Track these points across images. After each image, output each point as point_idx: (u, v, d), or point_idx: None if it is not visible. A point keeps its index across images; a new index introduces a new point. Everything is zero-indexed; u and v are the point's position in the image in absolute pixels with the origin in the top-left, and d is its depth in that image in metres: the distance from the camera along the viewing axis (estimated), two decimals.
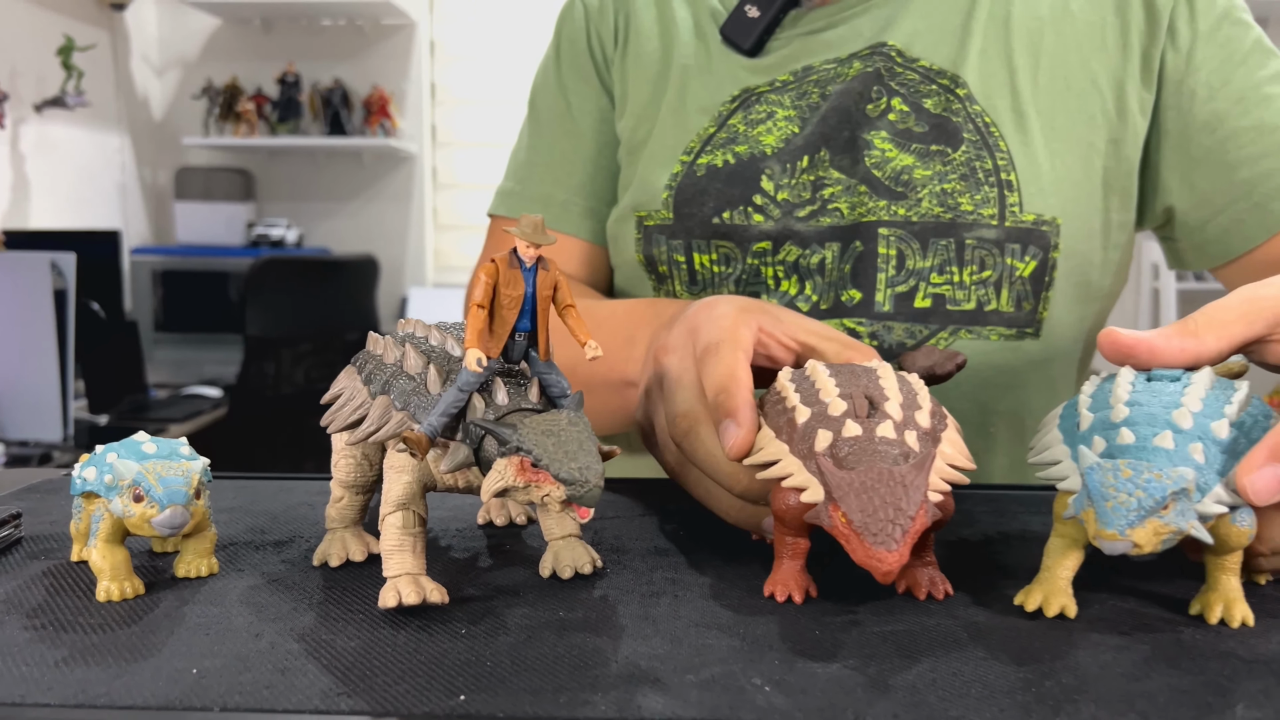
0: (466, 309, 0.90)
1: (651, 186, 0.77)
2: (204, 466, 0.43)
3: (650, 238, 0.77)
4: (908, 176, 0.71)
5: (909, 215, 0.71)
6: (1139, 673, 0.35)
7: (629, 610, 0.41)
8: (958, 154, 0.71)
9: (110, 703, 0.33)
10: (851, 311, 0.72)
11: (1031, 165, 0.71)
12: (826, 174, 0.73)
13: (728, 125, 0.76)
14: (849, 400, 0.41)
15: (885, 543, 0.35)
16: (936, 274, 0.71)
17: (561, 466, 0.37)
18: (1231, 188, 0.71)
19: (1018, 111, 0.71)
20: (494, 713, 0.32)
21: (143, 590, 0.42)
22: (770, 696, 0.33)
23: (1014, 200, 0.70)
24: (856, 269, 0.72)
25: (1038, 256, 0.71)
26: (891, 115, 0.72)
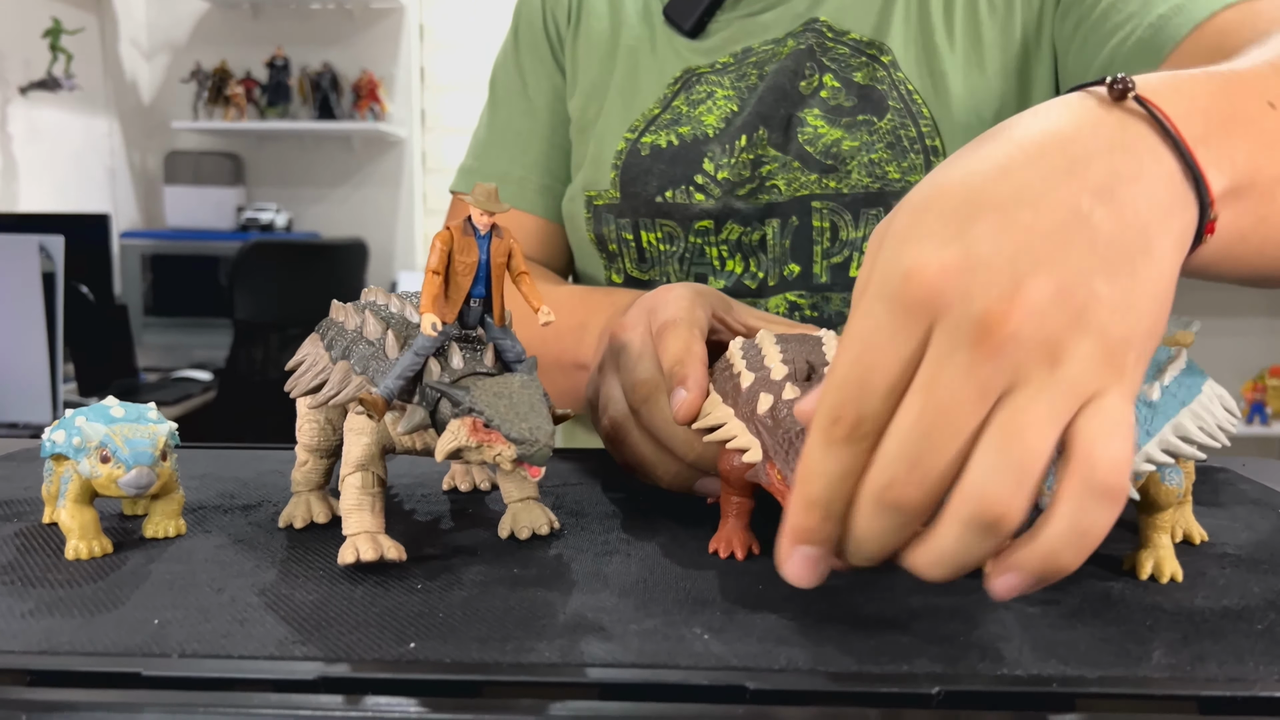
0: None
1: (600, 166, 0.79)
2: (171, 430, 0.44)
3: (600, 217, 0.79)
4: (837, 150, 0.73)
5: (840, 188, 0.73)
6: (1064, 624, 0.36)
7: (581, 567, 0.42)
8: (883, 123, 0.72)
9: (73, 650, 0.34)
10: (792, 285, 0.74)
11: (953, 128, 0.72)
12: (764, 152, 0.74)
13: (671, 107, 0.77)
14: (790, 365, 0.42)
15: None
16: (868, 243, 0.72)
17: (512, 426, 0.38)
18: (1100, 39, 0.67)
19: (937, 74, 0.72)
20: (441, 658, 0.33)
21: (110, 549, 0.44)
22: (708, 644, 0.34)
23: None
24: (794, 243, 0.74)
25: None
26: (824, 92, 0.74)
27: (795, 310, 0.74)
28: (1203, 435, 0.40)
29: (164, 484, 0.44)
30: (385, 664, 0.33)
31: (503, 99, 0.88)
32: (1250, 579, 0.41)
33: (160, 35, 3.48)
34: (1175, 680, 0.32)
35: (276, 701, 0.31)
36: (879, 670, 0.33)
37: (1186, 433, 0.40)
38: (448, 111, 3.47)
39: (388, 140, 3.44)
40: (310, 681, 0.32)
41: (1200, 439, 0.40)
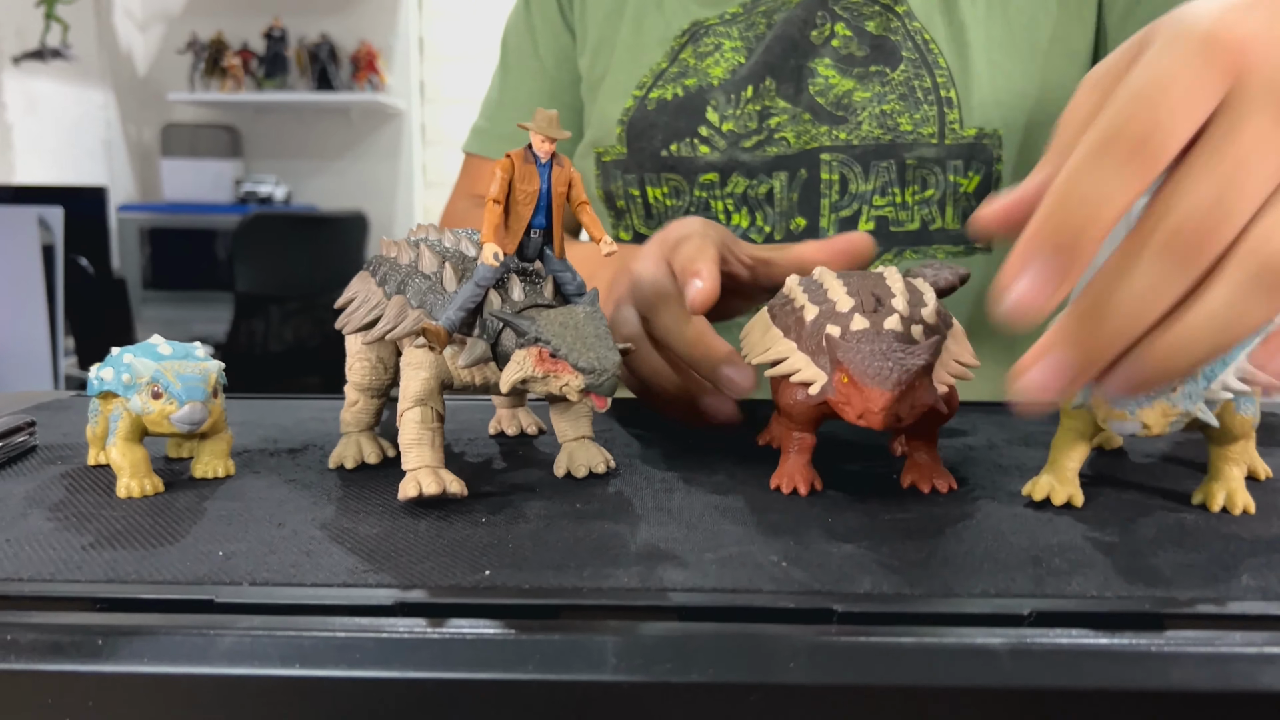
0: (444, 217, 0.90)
1: (607, 122, 0.79)
2: (220, 368, 0.43)
3: (608, 173, 0.79)
4: (848, 100, 0.72)
5: (849, 139, 0.72)
6: (1145, 550, 0.36)
7: (644, 502, 0.41)
8: (896, 74, 0.71)
9: (140, 578, 0.34)
10: (798, 239, 0.73)
11: (971, 80, 0.70)
12: (773, 104, 0.73)
13: (679, 60, 0.77)
14: (856, 298, 0.42)
15: (881, 383, 0.36)
16: (879, 196, 0.72)
17: (580, 356, 0.38)
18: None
19: (956, 25, 0.71)
20: (519, 584, 0.33)
21: (162, 488, 0.43)
22: (788, 570, 0.34)
23: (954, 117, 0.71)
24: (802, 197, 0.73)
25: (981, 171, 0.71)
26: (835, 41, 0.73)
27: None
28: None
29: (214, 422, 0.43)
30: (462, 589, 0.33)
31: (514, 60, 0.89)
32: None
33: (155, 6, 3.44)
34: (1268, 600, 0.32)
35: (355, 625, 0.30)
36: (966, 591, 0.32)
37: None
38: (447, 83, 3.44)
39: (387, 112, 3.41)
40: (389, 606, 0.31)
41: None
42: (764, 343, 0.44)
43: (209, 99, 3.29)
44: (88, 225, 2.77)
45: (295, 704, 0.29)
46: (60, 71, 3.01)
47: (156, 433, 0.42)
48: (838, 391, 0.38)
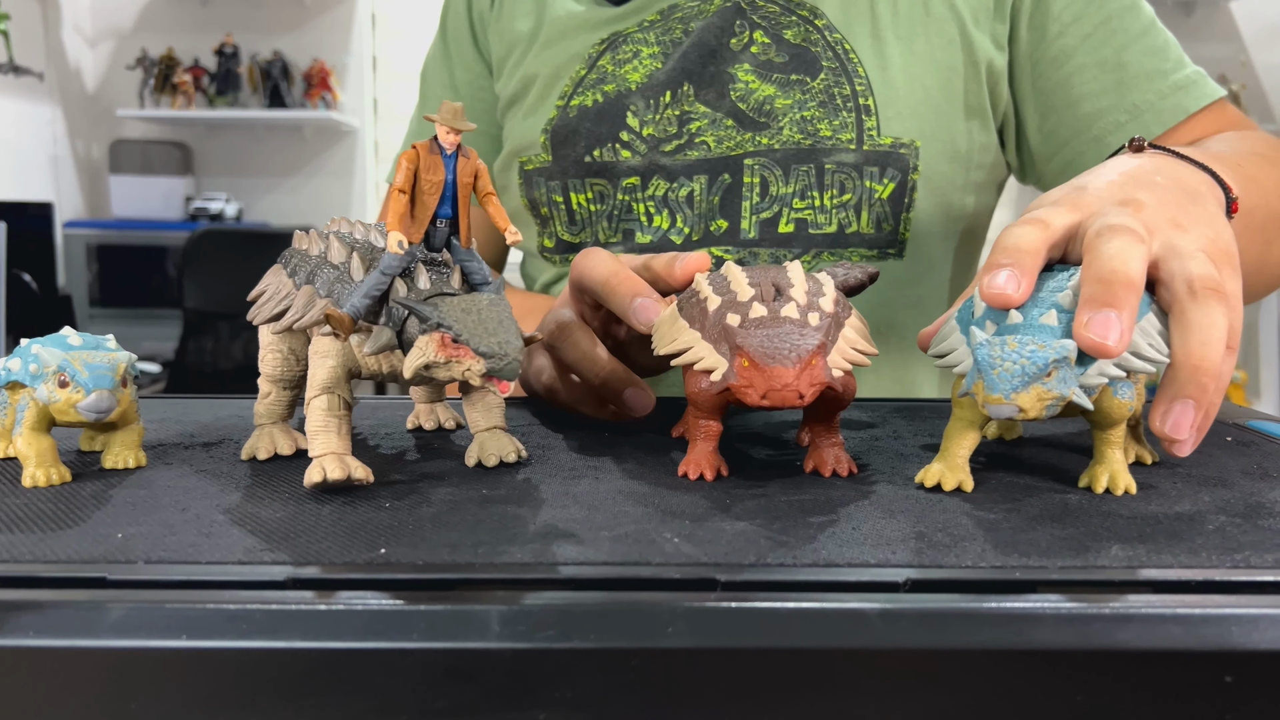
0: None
1: (530, 132, 0.80)
2: (130, 359, 0.43)
3: (531, 181, 0.80)
4: (769, 106, 0.74)
5: (771, 144, 0.74)
6: (1026, 527, 0.37)
7: (550, 489, 0.42)
8: (816, 82, 0.74)
9: (35, 558, 0.34)
10: (719, 240, 0.75)
11: (889, 89, 0.73)
12: (692, 108, 0.75)
13: (597, 66, 0.78)
14: (757, 288, 0.43)
15: (780, 361, 0.37)
16: (798, 199, 0.74)
17: (481, 341, 0.38)
18: (1075, 122, 0.75)
19: (876, 37, 0.74)
20: (413, 561, 0.33)
21: (69, 477, 0.43)
22: (679, 546, 0.35)
23: (871, 124, 0.73)
24: (724, 200, 0.75)
25: (896, 178, 0.74)
26: (754, 48, 0.75)
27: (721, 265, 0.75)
28: (1152, 351, 0.41)
29: (123, 412, 0.43)
30: (356, 566, 0.33)
31: (433, 93, 0.92)
32: (1201, 491, 0.42)
33: (104, 20, 3.41)
34: (1132, 569, 0.33)
35: (246, 599, 0.31)
36: (846, 561, 0.33)
37: (1136, 348, 0.41)
38: (400, 100, 3.44)
39: (340, 129, 3.40)
40: (280, 581, 0.32)
41: (1150, 354, 0.41)
42: (671, 333, 0.45)
43: (159, 115, 3.26)
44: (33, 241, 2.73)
45: (183, 676, 0.30)
46: (6, 86, 2.97)
47: (64, 422, 0.42)
48: (739, 376, 0.39)
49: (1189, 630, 0.30)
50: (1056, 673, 0.29)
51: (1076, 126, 0.75)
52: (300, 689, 0.30)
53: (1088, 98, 0.74)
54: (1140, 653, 0.29)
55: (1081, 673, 0.29)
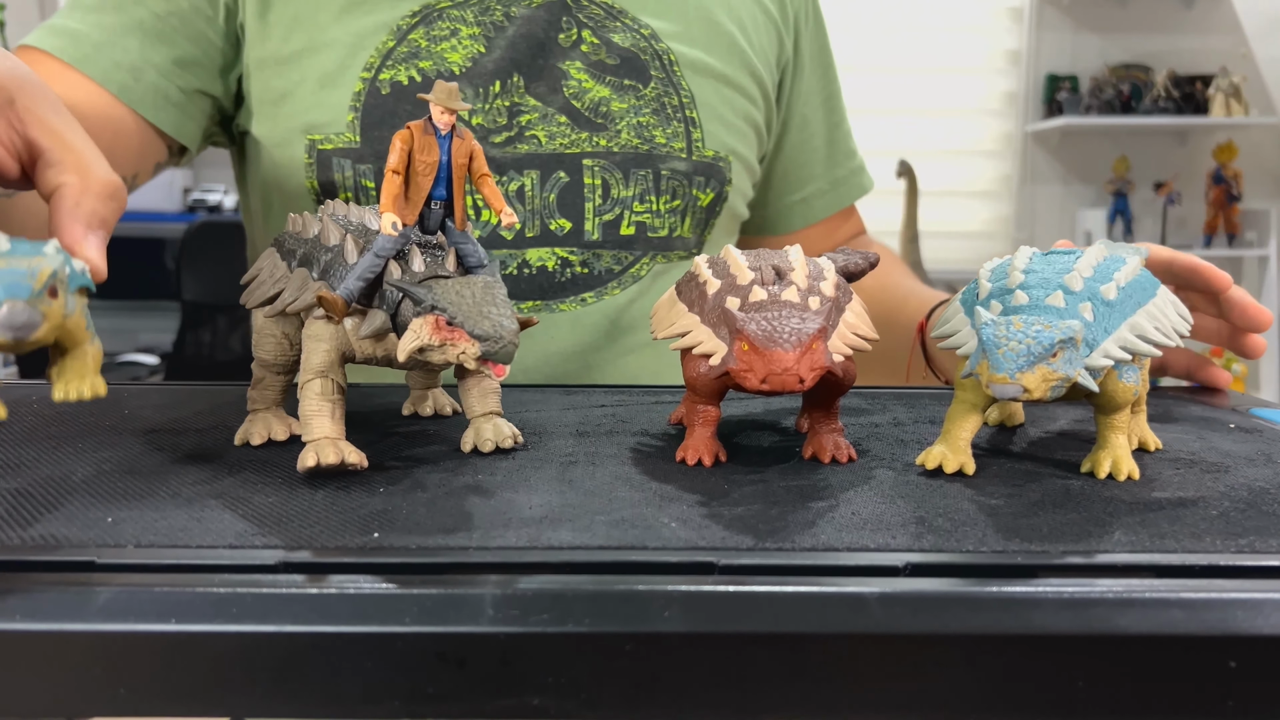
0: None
1: (328, 106, 0.71)
2: (70, 264, 0.35)
3: (329, 163, 0.71)
4: (606, 109, 0.74)
5: (610, 146, 0.74)
6: (1027, 512, 0.37)
7: (546, 474, 0.42)
8: (648, 90, 0.75)
9: (21, 543, 0.33)
10: (562, 241, 0.74)
11: (709, 104, 0.76)
12: (523, 101, 0.73)
13: (408, 39, 0.72)
14: (757, 271, 0.42)
15: (781, 345, 0.37)
16: (638, 202, 0.75)
17: (476, 323, 0.38)
18: (792, 178, 0.88)
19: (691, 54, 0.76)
20: (406, 545, 0.33)
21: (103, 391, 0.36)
22: (676, 531, 0.34)
23: (698, 136, 0.77)
24: (563, 199, 0.74)
25: (716, 189, 0.78)
26: (584, 47, 0.74)
27: (567, 266, 0.74)
28: (1159, 334, 0.41)
29: (67, 333, 0.35)
30: (348, 550, 0.33)
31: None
32: (1205, 478, 0.42)
33: None
34: (1135, 554, 0.33)
35: (237, 582, 0.30)
36: (845, 546, 0.33)
37: (1143, 331, 0.41)
38: None
39: None
40: (271, 565, 0.31)
41: (1156, 338, 0.41)
42: (669, 318, 0.45)
43: None
44: None
45: (172, 659, 0.29)
46: None
47: None
48: (738, 360, 0.38)
49: (1192, 615, 0.29)
50: (1057, 658, 0.29)
51: (791, 183, 0.88)
52: (290, 673, 0.29)
53: (809, 164, 0.89)
54: (1143, 637, 0.29)
55: (1083, 658, 0.29)
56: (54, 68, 0.69)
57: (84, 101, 0.68)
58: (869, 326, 0.44)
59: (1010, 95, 3.32)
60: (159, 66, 0.71)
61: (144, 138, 0.71)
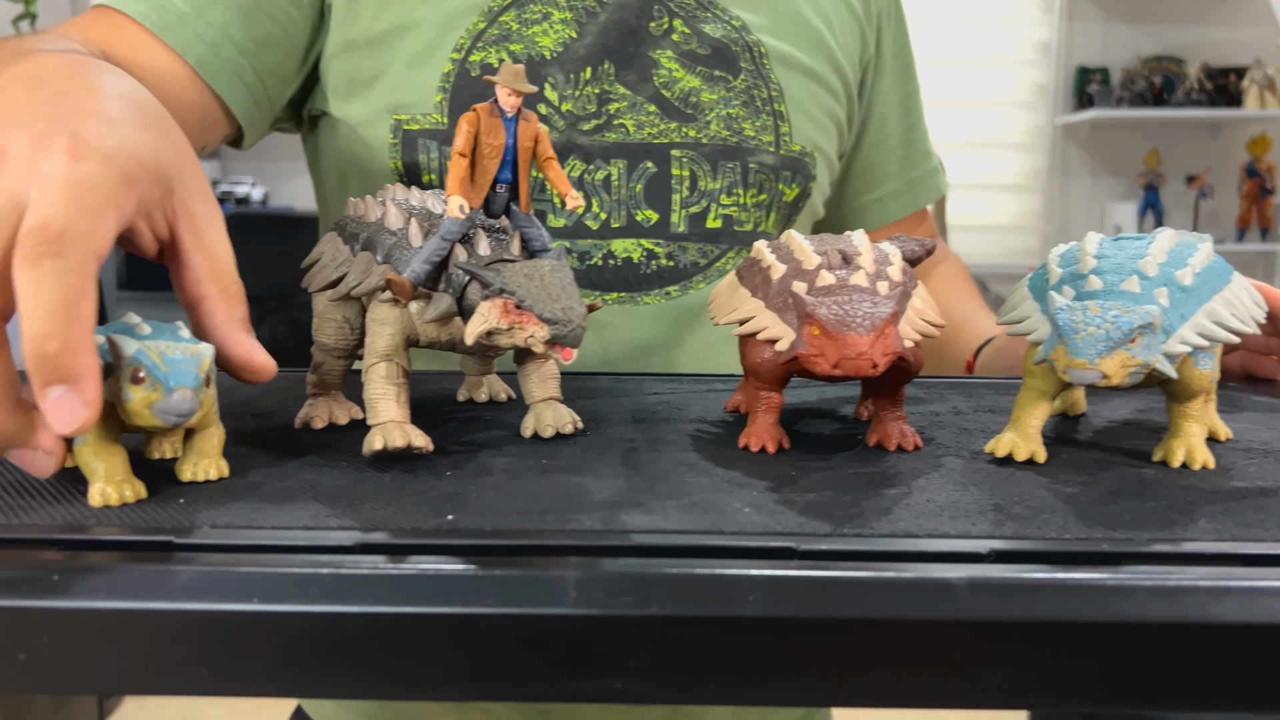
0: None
1: (416, 86, 0.70)
2: (213, 353, 0.37)
3: (414, 143, 0.70)
4: (696, 99, 0.73)
5: (699, 138, 0.73)
6: (1105, 500, 0.36)
7: (610, 459, 0.41)
8: (738, 81, 0.74)
9: (100, 523, 0.33)
10: (648, 232, 0.73)
11: (797, 99, 0.75)
12: (612, 89, 0.72)
13: (499, 22, 0.71)
14: (824, 255, 0.42)
15: (854, 329, 0.36)
16: (725, 195, 0.74)
17: (545, 307, 0.38)
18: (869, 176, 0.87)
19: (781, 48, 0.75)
20: (482, 527, 0.33)
21: (144, 494, 0.36)
22: (751, 515, 0.34)
23: (785, 130, 0.75)
24: (650, 190, 0.72)
25: (801, 184, 0.77)
26: (675, 36, 0.73)
27: (652, 259, 0.73)
28: (1235, 320, 0.40)
29: (203, 416, 0.37)
30: (424, 531, 0.32)
31: None
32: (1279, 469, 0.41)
33: None
34: (1224, 541, 0.32)
35: (315, 562, 0.30)
36: (926, 532, 0.32)
37: (1220, 318, 0.40)
38: None
39: None
40: (349, 546, 0.31)
41: (1234, 324, 0.40)
42: (731, 303, 0.45)
43: None
44: None
45: (253, 638, 0.29)
46: None
47: (134, 426, 0.36)
48: (809, 345, 0.38)
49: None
50: (1151, 646, 0.29)
51: (866, 182, 0.87)
52: (370, 653, 0.29)
53: (884, 163, 0.87)
54: (1238, 626, 0.28)
55: (1177, 646, 0.28)
56: (134, 33, 0.68)
57: (161, 70, 0.67)
58: (936, 312, 0.44)
59: (1040, 87, 3.29)
60: (238, 43, 0.69)
61: (214, 113, 0.70)
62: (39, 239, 0.33)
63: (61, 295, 0.32)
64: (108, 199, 0.35)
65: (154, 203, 0.39)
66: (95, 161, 0.36)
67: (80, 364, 0.33)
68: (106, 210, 0.35)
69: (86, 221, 0.34)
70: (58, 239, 0.33)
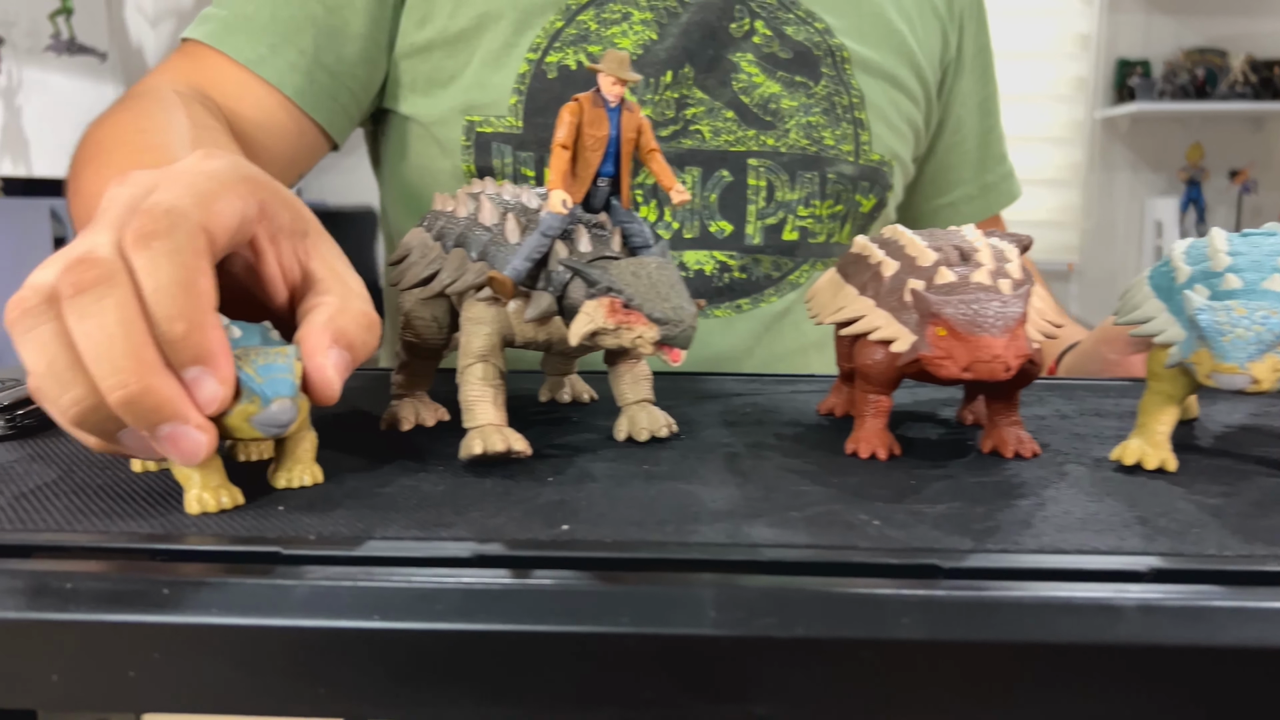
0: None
1: (491, 87, 0.68)
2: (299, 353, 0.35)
3: (488, 147, 0.68)
4: (775, 106, 0.70)
5: (778, 146, 0.70)
6: (1254, 513, 0.34)
7: (713, 465, 0.40)
8: (819, 87, 0.71)
9: (201, 531, 0.32)
10: (722, 244, 0.70)
11: (877, 105, 0.73)
12: (690, 93, 0.69)
13: (576, 21, 0.68)
14: (940, 252, 0.40)
15: (990, 330, 0.34)
16: (803, 206, 0.71)
17: (655, 306, 0.36)
18: (942, 180, 0.85)
19: (864, 52, 0.72)
20: (602, 538, 0.31)
21: (241, 500, 0.34)
22: (881, 529, 0.32)
23: (865, 139, 0.73)
24: (725, 199, 0.70)
25: (879, 195, 0.75)
26: (756, 38, 0.70)
27: (725, 271, 0.70)
28: None
29: (299, 421, 0.35)
30: (541, 543, 0.31)
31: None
32: None
33: (166, 2, 3.43)
34: None
35: (433, 576, 0.28)
36: (1075, 548, 0.30)
37: None
38: None
39: None
40: (466, 558, 0.30)
41: None
42: (836, 301, 0.43)
43: None
44: None
45: (372, 656, 0.28)
46: (74, 66, 3.00)
47: (236, 437, 0.34)
48: (935, 346, 0.36)
49: None
50: None
51: (939, 186, 0.85)
52: (500, 673, 0.27)
53: (959, 167, 0.85)
54: None
55: None
56: (229, 72, 0.67)
57: (258, 108, 0.67)
58: (1055, 312, 0.42)
59: (1080, 80, 3.24)
60: (330, 67, 0.69)
61: (313, 139, 0.70)
62: (146, 219, 0.32)
63: (178, 274, 0.31)
64: (225, 186, 0.34)
65: (284, 229, 0.37)
66: (223, 161, 0.36)
67: (210, 342, 0.32)
68: (222, 195, 0.34)
69: (195, 201, 0.33)
70: (163, 217, 0.32)
